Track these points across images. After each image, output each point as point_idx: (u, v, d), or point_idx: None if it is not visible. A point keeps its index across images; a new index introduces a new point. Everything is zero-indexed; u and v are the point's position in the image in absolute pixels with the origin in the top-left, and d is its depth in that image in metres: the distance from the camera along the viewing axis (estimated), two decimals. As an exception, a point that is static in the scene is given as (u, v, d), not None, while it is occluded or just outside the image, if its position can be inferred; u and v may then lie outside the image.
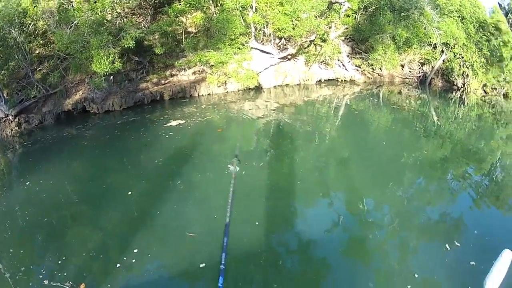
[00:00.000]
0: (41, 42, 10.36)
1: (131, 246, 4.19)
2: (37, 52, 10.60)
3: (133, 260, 3.98)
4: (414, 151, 6.71)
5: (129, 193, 5.34)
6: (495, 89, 11.04)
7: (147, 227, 4.55)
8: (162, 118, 9.10)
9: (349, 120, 9.32)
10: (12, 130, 9.11)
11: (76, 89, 10.29)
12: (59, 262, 4.09)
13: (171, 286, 3.76)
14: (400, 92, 11.80)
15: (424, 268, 3.59)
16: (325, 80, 12.57)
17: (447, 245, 3.87)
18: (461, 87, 11.52)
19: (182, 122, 8.59)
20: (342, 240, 4.24)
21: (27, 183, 5.89)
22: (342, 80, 12.67)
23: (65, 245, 4.40)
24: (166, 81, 11.26)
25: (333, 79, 12.65)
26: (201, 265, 3.82)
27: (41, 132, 9.18)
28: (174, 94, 10.79)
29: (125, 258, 4.01)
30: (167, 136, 7.75)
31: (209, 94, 11.19)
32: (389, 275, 3.56)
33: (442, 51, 11.74)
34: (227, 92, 11.38)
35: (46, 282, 3.81)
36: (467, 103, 10.50)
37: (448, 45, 11.46)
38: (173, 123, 8.52)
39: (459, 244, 3.90)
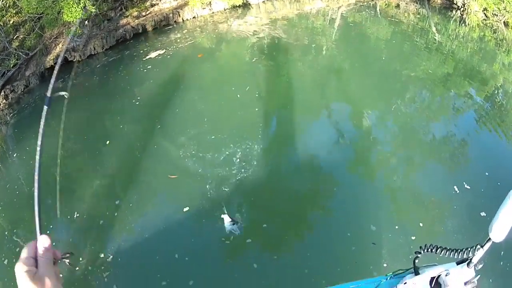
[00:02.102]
0: (14, 12, 9.87)
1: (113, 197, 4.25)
2: (11, 22, 10.04)
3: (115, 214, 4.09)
4: (416, 66, 6.39)
5: (107, 142, 5.07)
6: (496, 15, 10.45)
7: (130, 177, 4.46)
8: (141, 51, 8.32)
9: (346, 33, 8.70)
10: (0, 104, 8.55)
11: (55, 43, 9.60)
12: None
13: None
14: (398, 6, 11.00)
15: (429, 191, 3.60)
16: None
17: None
18: (461, 7, 10.78)
19: (161, 52, 7.92)
20: (347, 157, 4.17)
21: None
22: None
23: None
24: (147, 13, 10.41)
25: None
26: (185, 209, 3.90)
27: (28, 96, 8.52)
28: (156, 24, 10.04)
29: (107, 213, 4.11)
30: (145, 70, 7.17)
31: (194, 17, 10.22)
32: (394, 192, 3.59)
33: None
34: (213, 12, 10.38)
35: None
36: (468, 23, 9.90)
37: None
38: (153, 54, 7.86)
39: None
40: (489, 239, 0.96)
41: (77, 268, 3.87)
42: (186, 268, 3.65)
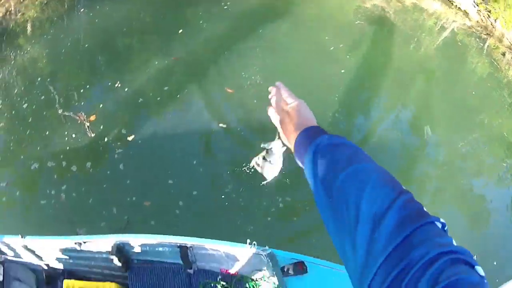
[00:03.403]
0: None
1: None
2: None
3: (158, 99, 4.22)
4: (493, 119, 5.83)
5: (180, 31, 4.96)
6: None
7: (187, 71, 4.51)
8: None
9: (448, 47, 7.96)
10: None
11: None
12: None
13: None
14: (504, 54, 9.43)
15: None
16: None
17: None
18: None
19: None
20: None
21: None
22: (455, 6, 10.36)
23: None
24: None
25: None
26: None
27: None
28: None
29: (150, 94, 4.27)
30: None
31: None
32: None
33: None
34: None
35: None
36: None
37: None
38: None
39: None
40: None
41: (93, 134, 4.10)
42: (198, 175, 3.79)
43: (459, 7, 11.68)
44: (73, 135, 4.30)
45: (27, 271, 3.04)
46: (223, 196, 3.81)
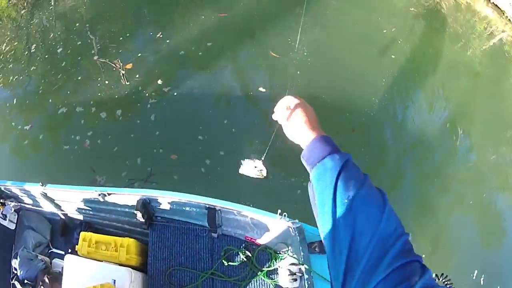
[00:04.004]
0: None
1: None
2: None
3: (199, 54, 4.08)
4: None
5: None
6: None
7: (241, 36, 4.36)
8: None
9: (494, 55, 7.12)
10: None
11: None
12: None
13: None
14: None
15: None
16: (492, 3, 9.65)
17: None
18: None
19: None
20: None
21: None
22: (506, 17, 9.90)
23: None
24: None
25: (499, 8, 9.86)
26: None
27: None
28: None
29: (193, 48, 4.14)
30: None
31: None
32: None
33: None
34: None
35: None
36: None
37: None
38: None
39: None
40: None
41: (128, 83, 3.85)
42: (228, 136, 3.66)
43: (509, 19, 11.24)
44: (106, 82, 4.09)
45: (43, 220, 2.93)
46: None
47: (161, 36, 4.21)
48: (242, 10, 4.45)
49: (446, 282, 1.76)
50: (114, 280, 2.13)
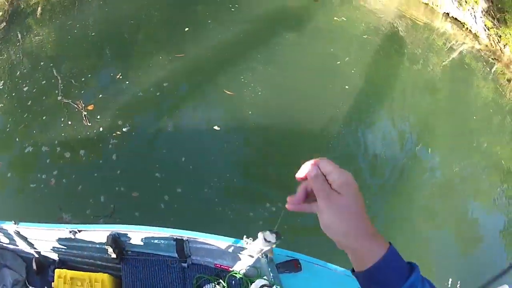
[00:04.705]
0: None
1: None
2: None
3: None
4: (493, 142, 5.82)
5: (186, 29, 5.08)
6: None
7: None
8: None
9: (453, 68, 8.04)
10: None
11: None
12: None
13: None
14: (510, 80, 9.52)
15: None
16: (451, 17, 10.38)
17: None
18: None
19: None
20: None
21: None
22: (466, 28, 10.38)
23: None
24: None
25: (459, 21, 10.42)
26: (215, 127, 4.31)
27: None
28: None
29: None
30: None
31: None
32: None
33: None
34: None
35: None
36: None
37: None
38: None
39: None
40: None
41: (90, 124, 4.08)
42: (185, 173, 3.85)
43: (469, 30, 11.65)
44: (69, 122, 4.30)
45: (17, 258, 3.01)
46: (216, 199, 3.80)
47: (120, 77, 4.46)
48: (198, 51, 4.73)
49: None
50: (92, 315, 2.26)
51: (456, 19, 11.28)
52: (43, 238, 2.70)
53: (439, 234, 4.08)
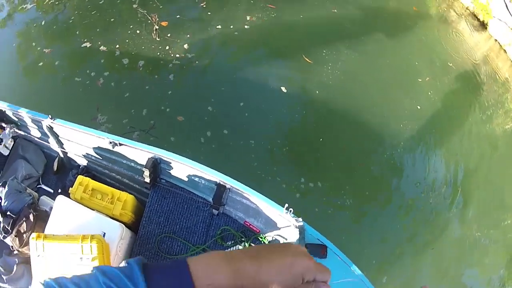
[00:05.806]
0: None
1: None
2: None
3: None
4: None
5: None
6: None
7: None
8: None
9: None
10: None
11: None
12: None
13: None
14: None
15: None
16: None
17: None
18: None
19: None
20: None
21: None
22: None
23: None
24: None
25: None
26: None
27: None
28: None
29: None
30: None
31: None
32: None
33: None
34: None
35: None
36: None
37: None
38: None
39: None
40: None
41: (159, 39, 3.95)
42: (237, 118, 3.70)
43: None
44: (138, 31, 4.09)
45: (39, 153, 2.82)
46: (253, 155, 3.48)
47: (204, 5, 4.26)
48: (291, 11, 4.47)
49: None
50: (104, 233, 2.01)
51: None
52: (76, 140, 2.49)
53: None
